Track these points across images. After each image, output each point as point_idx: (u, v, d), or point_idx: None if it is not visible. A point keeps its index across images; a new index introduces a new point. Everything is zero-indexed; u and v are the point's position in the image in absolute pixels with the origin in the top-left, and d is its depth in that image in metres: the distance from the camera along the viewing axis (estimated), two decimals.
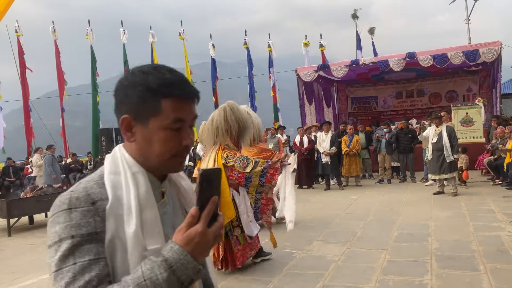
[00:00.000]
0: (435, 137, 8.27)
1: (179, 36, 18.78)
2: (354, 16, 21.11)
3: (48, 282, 4.30)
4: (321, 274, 3.99)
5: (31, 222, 7.75)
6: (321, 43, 18.62)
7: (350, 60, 13.89)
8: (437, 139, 8.21)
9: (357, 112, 17.63)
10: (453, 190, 8.06)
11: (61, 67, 18.12)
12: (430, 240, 4.97)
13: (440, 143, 8.16)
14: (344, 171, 10.47)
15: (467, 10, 19.79)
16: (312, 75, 14.32)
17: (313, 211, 7.30)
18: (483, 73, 15.21)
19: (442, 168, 8.11)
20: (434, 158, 8.26)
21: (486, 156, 10.15)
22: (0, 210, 7.08)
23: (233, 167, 4.07)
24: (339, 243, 5.08)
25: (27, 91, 17.68)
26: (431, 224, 5.76)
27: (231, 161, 4.08)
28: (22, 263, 5.10)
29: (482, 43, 12.32)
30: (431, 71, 15.00)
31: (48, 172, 10.87)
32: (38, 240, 6.43)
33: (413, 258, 4.30)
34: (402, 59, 12.76)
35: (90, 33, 18.20)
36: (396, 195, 8.54)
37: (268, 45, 18.86)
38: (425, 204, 7.32)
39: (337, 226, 6.08)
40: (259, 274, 4.11)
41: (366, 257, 4.46)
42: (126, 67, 18.37)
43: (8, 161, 14.41)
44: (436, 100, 16.46)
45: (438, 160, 8.15)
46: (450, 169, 8.06)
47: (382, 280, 3.74)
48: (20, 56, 17.59)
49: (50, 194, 7.88)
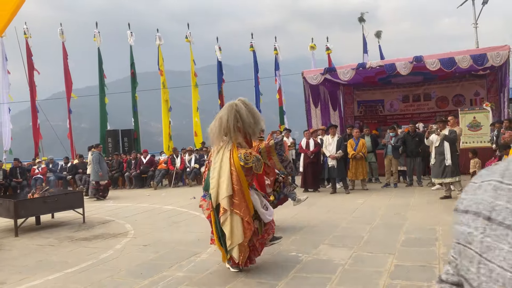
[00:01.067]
0: (438, 141, 8.24)
1: (186, 39, 18.84)
2: (361, 19, 21.04)
3: (55, 282, 4.32)
4: (328, 278, 3.97)
5: (38, 222, 7.78)
6: (328, 46, 18.61)
7: (357, 64, 13.85)
8: (440, 143, 8.18)
9: (363, 116, 17.56)
10: (459, 194, 7.97)
11: (69, 69, 18.24)
12: (438, 244, 4.93)
13: (442, 147, 8.15)
14: (351, 175, 10.43)
15: (475, 13, 19.70)
16: (318, 78, 14.30)
17: (319, 214, 7.27)
18: (491, 77, 15.10)
19: (444, 173, 8.10)
20: (437, 162, 8.25)
21: (494, 161, 10.07)
22: (8, 210, 7.12)
23: (251, 168, 4.08)
24: (346, 247, 5.05)
25: (34, 93, 17.80)
26: (438, 229, 5.71)
27: (250, 163, 4.05)
28: (29, 264, 5.12)
29: (490, 47, 12.23)
30: (438, 75, 14.92)
31: (96, 169, 11.56)
32: (45, 240, 6.45)
33: (421, 263, 4.26)
34: (409, 62, 12.70)
35: (97, 35, 18.32)
36: (403, 199, 8.49)
37: (274, 48, 18.88)
38: (432, 209, 7.27)
39: (343, 229, 6.05)
40: (265, 278, 4.10)
41: (373, 261, 4.43)
42: (133, 69, 18.46)
43: (15, 162, 14.51)
44: (443, 104, 16.36)
45: (440, 164, 8.15)
46: (452, 173, 8.02)
47: (390, 284, 3.72)
48: (28, 57, 17.73)
49: (56, 195, 7.92)
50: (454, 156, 8.21)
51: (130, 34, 18.42)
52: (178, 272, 4.42)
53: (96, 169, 11.56)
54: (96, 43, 18.32)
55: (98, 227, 7.36)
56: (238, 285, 3.96)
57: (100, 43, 18.43)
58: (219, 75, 19.04)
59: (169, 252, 5.31)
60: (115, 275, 4.46)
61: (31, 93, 17.69)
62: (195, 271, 4.41)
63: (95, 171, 11.59)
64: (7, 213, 7.17)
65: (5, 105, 17.19)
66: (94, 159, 11.66)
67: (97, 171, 11.55)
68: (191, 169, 13.89)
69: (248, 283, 3.98)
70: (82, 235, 6.68)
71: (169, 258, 4.98)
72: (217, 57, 19.02)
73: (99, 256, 5.25)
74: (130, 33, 18.41)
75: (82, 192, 8.66)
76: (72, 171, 14.77)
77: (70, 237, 6.57)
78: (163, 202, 10.13)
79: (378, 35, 22.02)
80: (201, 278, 4.21)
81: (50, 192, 8.23)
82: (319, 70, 14.55)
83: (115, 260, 5.07)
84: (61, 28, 18.29)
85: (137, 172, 14.31)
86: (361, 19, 21.21)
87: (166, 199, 10.84)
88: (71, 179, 14.68)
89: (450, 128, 8.41)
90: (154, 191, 12.90)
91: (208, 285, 3.98)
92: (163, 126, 18.54)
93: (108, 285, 4.16)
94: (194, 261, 4.81)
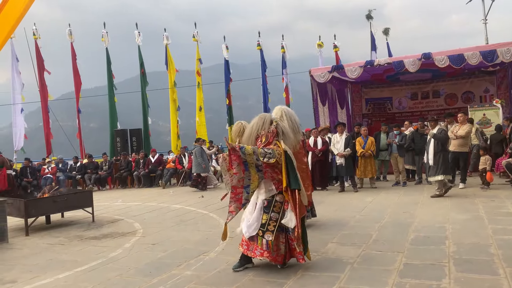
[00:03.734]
0: (429, 139, 8.45)
1: (193, 38, 18.89)
2: (369, 16, 20.92)
3: (65, 281, 4.36)
4: (337, 277, 3.95)
5: (48, 222, 7.86)
6: (335, 44, 18.52)
7: (365, 61, 13.74)
8: (428, 142, 8.45)
9: (372, 114, 17.45)
10: (437, 192, 8.14)
11: (78, 69, 18.37)
12: (448, 243, 4.88)
13: (429, 146, 8.37)
14: (359, 173, 10.39)
15: (484, 9, 19.47)
16: (326, 76, 14.22)
17: (328, 213, 7.25)
18: (500, 73, 14.90)
19: (429, 171, 8.33)
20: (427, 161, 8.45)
21: (504, 159, 9.95)
22: (18, 210, 7.20)
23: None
24: (355, 245, 5.03)
25: (45, 93, 17.96)
26: (448, 227, 5.66)
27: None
28: (40, 262, 5.17)
29: (500, 43, 12.06)
30: (447, 72, 14.76)
31: (199, 162, 12.17)
32: (55, 239, 6.51)
33: (430, 261, 4.23)
34: (417, 59, 12.57)
35: (105, 35, 18.43)
36: (412, 197, 8.43)
37: (281, 46, 18.84)
38: (441, 207, 7.20)
39: (352, 228, 6.02)
40: (274, 276, 4.09)
41: (382, 259, 4.40)
42: (143, 68, 18.54)
43: (25, 162, 14.67)
44: (452, 101, 16.19)
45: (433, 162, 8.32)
46: (436, 172, 8.18)
47: (399, 283, 3.69)
48: (38, 58, 17.90)
49: (66, 194, 7.99)
50: (440, 154, 8.26)
51: (138, 34, 18.50)
52: (186, 271, 4.43)
53: (199, 162, 12.14)
54: (104, 43, 18.43)
55: (107, 226, 7.41)
56: (247, 283, 3.96)
57: (108, 43, 18.54)
58: (226, 74, 19.05)
59: (177, 251, 5.33)
60: (124, 273, 4.48)
61: (42, 94, 17.86)
62: (204, 270, 4.42)
63: (198, 163, 12.18)
64: (17, 213, 7.25)
65: (16, 105, 17.37)
66: (197, 153, 12.26)
67: (200, 164, 12.14)
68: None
69: (256, 282, 3.98)
70: (92, 234, 6.74)
71: (177, 257, 4.99)
72: (224, 56, 19.04)
73: (108, 255, 5.29)
74: (137, 33, 18.49)
75: (91, 191, 8.71)
76: (81, 171, 14.91)
77: (80, 236, 6.63)
78: (171, 201, 10.18)
79: (386, 32, 21.89)
80: (209, 276, 4.22)
81: (60, 192, 8.30)
82: (327, 68, 14.46)
83: (124, 259, 5.10)
84: (69, 28, 18.42)
85: (145, 171, 14.39)
86: (369, 17, 21.09)
87: (174, 198, 10.89)
88: (81, 179, 14.82)
89: (439, 127, 8.51)
90: (162, 190, 12.97)
91: (216, 284, 3.98)
92: (171, 125, 18.60)
93: (117, 283, 4.18)
94: (202, 260, 4.82)
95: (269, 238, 4.13)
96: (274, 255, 4.17)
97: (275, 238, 4.14)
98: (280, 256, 4.22)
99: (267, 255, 4.15)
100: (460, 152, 9.42)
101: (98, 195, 12.32)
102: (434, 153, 8.27)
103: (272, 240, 4.12)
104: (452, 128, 9.68)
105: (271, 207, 4.21)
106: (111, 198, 11.69)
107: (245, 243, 4.29)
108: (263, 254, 4.16)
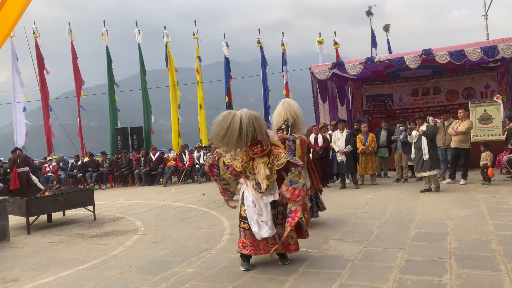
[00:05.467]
0: (416, 137, 8.70)
1: (193, 36, 18.85)
2: (369, 13, 20.89)
3: (67, 279, 4.37)
4: (338, 274, 3.95)
5: (50, 220, 7.88)
6: (335, 40, 18.47)
7: (365, 58, 13.71)
8: (418, 139, 8.66)
9: (372, 110, 17.44)
10: (436, 185, 8.50)
11: (78, 68, 18.35)
12: (449, 239, 4.88)
13: (420, 143, 8.61)
14: (360, 170, 10.38)
15: (485, 5, 19.42)
16: (326, 73, 14.19)
17: (329, 210, 7.24)
18: (501, 69, 14.88)
19: (422, 167, 8.53)
20: (416, 157, 8.73)
21: (505, 155, 9.94)
22: (20, 208, 7.22)
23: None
24: (356, 242, 5.03)
25: (46, 92, 17.96)
26: (449, 223, 5.66)
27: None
28: (41, 261, 5.18)
29: (501, 38, 12.03)
30: (448, 68, 14.74)
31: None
32: (56, 238, 6.52)
33: (432, 258, 4.23)
34: (418, 56, 12.54)
35: (105, 33, 18.39)
36: (413, 194, 8.43)
37: (281, 44, 18.79)
38: (442, 203, 7.20)
39: (353, 225, 6.02)
40: (275, 273, 4.10)
41: (383, 256, 4.41)
42: (144, 66, 18.52)
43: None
44: (453, 98, 16.18)
45: (419, 159, 8.60)
46: (430, 167, 8.43)
47: (400, 279, 3.69)
48: (38, 57, 17.89)
49: (67, 193, 7.99)
50: (431, 150, 8.56)
51: (138, 32, 18.47)
52: (188, 268, 4.44)
53: None
54: (104, 42, 18.40)
55: (108, 224, 7.42)
56: (248, 280, 3.96)
57: (108, 41, 18.51)
58: (226, 71, 19.01)
59: (178, 248, 5.34)
60: (126, 271, 4.49)
61: (43, 92, 17.86)
62: (205, 267, 4.43)
63: None
64: (19, 211, 7.27)
65: (17, 104, 17.36)
66: None
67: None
68: (200, 166, 13.93)
69: (258, 279, 3.99)
70: (93, 232, 6.75)
71: (179, 255, 5.00)
72: (225, 54, 19.00)
73: (110, 253, 5.30)
74: (137, 31, 18.45)
75: (93, 189, 8.72)
76: (82, 169, 14.92)
77: (81, 234, 6.64)
78: (172, 199, 10.19)
79: (386, 28, 21.87)
80: (210, 274, 4.22)
81: (61, 190, 8.31)
82: (327, 65, 14.43)
83: (125, 256, 5.11)
84: (69, 27, 18.39)
85: (146, 169, 14.40)
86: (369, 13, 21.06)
87: (175, 196, 10.90)
88: (82, 177, 14.84)
89: (427, 124, 8.80)
90: (163, 188, 12.98)
91: (217, 281, 3.99)
92: (172, 123, 18.59)
93: (119, 281, 4.19)
94: (203, 257, 4.82)
95: (280, 231, 4.29)
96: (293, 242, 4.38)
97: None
98: (294, 244, 4.40)
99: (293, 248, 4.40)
100: (461, 148, 9.42)
101: (99, 193, 12.34)
102: (428, 149, 8.50)
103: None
104: (453, 124, 9.68)
105: (277, 202, 4.31)
106: (112, 196, 11.71)
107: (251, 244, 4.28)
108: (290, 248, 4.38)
